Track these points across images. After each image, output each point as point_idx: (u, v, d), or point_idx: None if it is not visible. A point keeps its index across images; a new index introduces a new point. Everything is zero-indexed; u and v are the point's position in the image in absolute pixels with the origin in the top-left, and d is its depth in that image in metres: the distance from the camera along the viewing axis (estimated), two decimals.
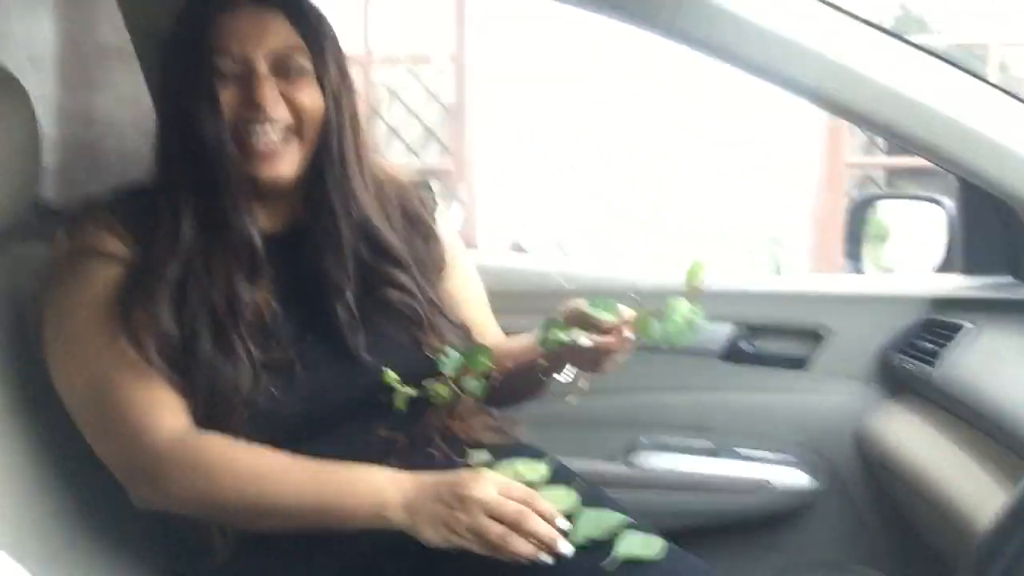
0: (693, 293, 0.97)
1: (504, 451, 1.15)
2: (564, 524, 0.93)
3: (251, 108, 1.01)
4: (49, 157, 1.20)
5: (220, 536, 1.01)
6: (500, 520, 0.91)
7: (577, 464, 1.16)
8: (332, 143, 1.05)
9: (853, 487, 1.45)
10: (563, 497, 1.05)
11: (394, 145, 5.98)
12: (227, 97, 1.00)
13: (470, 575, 0.98)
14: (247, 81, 1.01)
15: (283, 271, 1.07)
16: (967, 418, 1.17)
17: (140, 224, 1.03)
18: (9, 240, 1.11)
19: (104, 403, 1.00)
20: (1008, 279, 1.41)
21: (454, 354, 1.02)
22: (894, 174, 5.45)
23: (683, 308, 0.98)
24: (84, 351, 1.00)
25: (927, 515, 1.25)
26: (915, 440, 1.26)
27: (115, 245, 1.02)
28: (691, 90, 5.70)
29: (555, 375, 1.06)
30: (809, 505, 1.44)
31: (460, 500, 0.91)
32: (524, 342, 1.14)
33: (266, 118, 1.01)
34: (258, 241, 1.03)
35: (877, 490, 1.43)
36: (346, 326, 1.05)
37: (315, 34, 1.04)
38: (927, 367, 1.27)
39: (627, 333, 1.00)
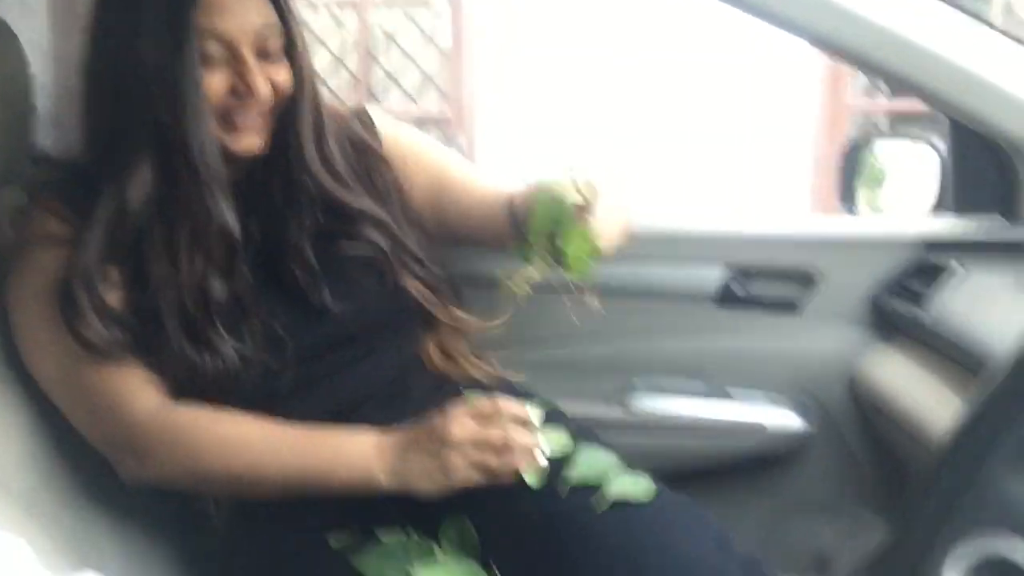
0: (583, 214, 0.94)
1: (502, 394, 1.17)
2: (535, 416, 0.96)
3: (238, 94, 0.99)
4: (42, 103, 1.20)
5: (213, 506, 1.03)
6: (490, 447, 0.94)
7: (572, 407, 1.17)
8: (293, 116, 1.04)
9: (846, 429, 1.46)
10: (556, 439, 1.08)
11: (392, 91, 5.92)
12: (213, 82, 0.98)
13: (465, 504, 1.01)
14: (233, 65, 0.98)
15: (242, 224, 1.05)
16: (957, 359, 1.18)
17: (88, 203, 0.99)
18: (3, 188, 1.11)
19: (74, 388, 1.00)
20: (998, 220, 1.41)
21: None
22: (897, 118, 5.41)
23: (580, 240, 0.95)
24: (45, 340, 0.99)
25: (918, 455, 1.27)
26: (906, 382, 1.27)
27: (61, 228, 1.00)
28: (691, 31, 5.63)
29: None
30: (802, 448, 1.46)
31: (446, 444, 0.93)
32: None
33: (254, 104, 1.00)
34: (238, 235, 1.01)
35: (869, 432, 1.44)
36: (308, 285, 1.05)
37: (288, 10, 1.02)
38: (917, 309, 1.28)
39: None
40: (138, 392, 0.99)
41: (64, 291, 0.96)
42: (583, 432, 1.10)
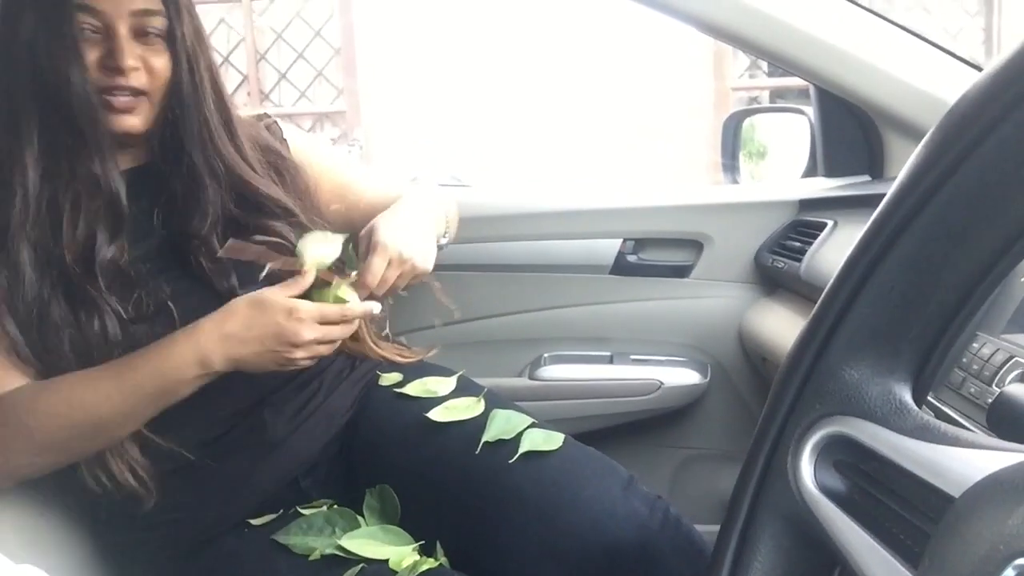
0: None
1: (416, 371, 1.21)
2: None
3: (110, 71, 0.99)
4: None
5: (140, 487, 1.00)
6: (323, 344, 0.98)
7: (486, 382, 1.22)
8: (186, 102, 1.04)
9: (737, 379, 1.55)
10: (472, 406, 1.13)
11: (283, 88, 5.87)
12: (87, 55, 0.99)
13: (384, 474, 1.05)
14: (107, 42, 0.99)
15: (140, 207, 1.06)
16: None
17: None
18: None
19: None
20: (865, 178, 1.52)
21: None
22: (777, 94, 5.68)
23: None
24: None
25: None
26: (787, 331, 1.36)
27: None
28: (585, 21, 5.74)
29: None
30: (698, 400, 1.54)
31: (296, 346, 0.96)
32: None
33: (125, 82, 1.00)
34: (123, 200, 1.02)
35: (758, 379, 1.54)
36: (214, 272, 1.06)
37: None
38: (795, 264, 1.37)
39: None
40: None
41: None
42: (496, 399, 1.16)
